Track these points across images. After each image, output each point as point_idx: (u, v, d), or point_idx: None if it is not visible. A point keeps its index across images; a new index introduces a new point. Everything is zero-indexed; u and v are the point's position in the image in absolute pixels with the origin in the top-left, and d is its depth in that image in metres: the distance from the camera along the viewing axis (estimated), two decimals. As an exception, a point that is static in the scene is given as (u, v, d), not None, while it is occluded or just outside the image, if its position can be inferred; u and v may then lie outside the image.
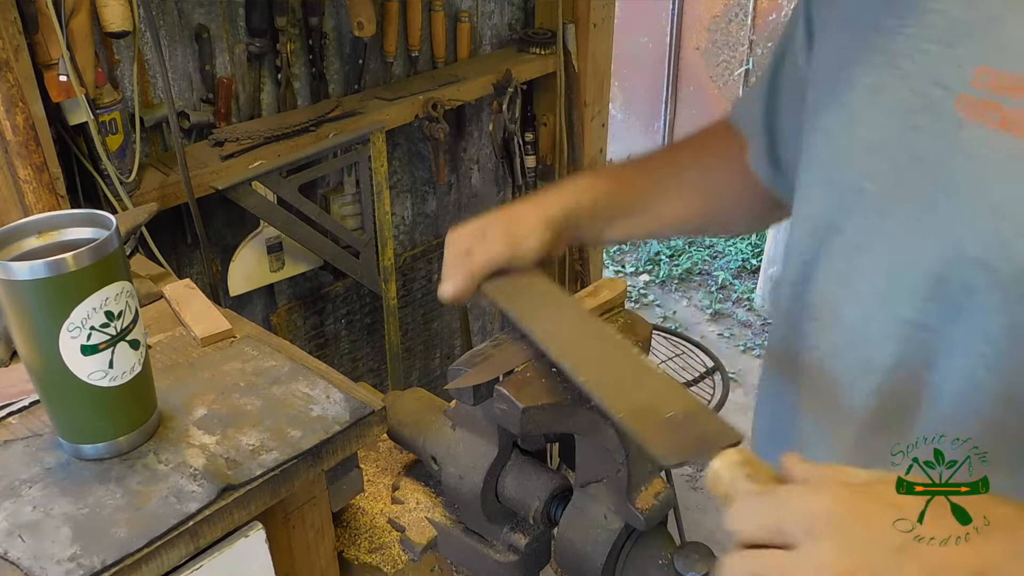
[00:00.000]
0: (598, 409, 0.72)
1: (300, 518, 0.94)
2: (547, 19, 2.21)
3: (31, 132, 1.21)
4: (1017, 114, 0.60)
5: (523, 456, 0.94)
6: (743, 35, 4.14)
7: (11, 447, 0.87)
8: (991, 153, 0.62)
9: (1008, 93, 0.60)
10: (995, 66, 0.61)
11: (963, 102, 0.63)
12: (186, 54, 1.64)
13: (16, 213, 1.25)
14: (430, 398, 1.07)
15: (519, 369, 0.82)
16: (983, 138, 0.62)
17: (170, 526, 0.77)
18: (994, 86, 0.61)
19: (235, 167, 1.62)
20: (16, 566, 0.73)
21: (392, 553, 1.01)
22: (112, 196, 1.47)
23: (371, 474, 1.10)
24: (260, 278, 1.83)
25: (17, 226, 0.81)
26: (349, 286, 2.10)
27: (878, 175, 0.72)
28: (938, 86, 0.65)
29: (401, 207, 2.19)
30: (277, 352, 1.03)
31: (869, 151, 0.72)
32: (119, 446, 0.85)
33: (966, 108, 0.63)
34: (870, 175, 0.72)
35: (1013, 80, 0.60)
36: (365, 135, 1.79)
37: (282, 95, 1.78)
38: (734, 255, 4.23)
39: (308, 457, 0.87)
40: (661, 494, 0.84)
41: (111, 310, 0.79)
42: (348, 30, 1.83)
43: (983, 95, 0.62)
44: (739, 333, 3.77)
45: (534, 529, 0.95)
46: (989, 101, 0.61)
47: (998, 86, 0.61)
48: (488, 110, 2.23)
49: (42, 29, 1.27)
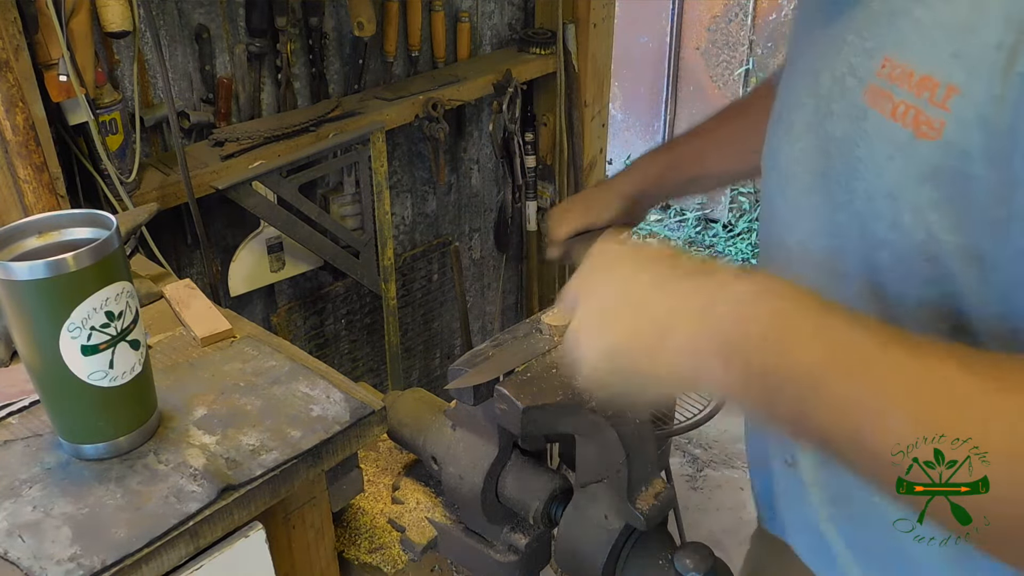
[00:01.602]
0: None
1: (300, 518, 0.94)
2: (547, 19, 2.21)
3: (31, 132, 1.21)
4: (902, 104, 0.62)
5: (523, 456, 0.94)
6: (743, 35, 4.14)
7: (11, 447, 0.87)
8: (884, 141, 0.65)
9: (898, 83, 0.63)
10: (894, 57, 0.64)
11: (870, 91, 0.66)
12: (186, 54, 1.64)
13: (16, 213, 1.25)
14: (430, 398, 1.07)
15: (519, 369, 0.82)
16: (879, 126, 0.65)
17: (170, 526, 0.77)
18: (891, 76, 0.64)
19: (235, 167, 1.62)
20: (16, 566, 0.73)
21: (392, 553, 1.01)
22: (112, 196, 1.47)
23: (371, 474, 1.10)
24: (260, 278, 1.83)
25: (17, 226, 0.81)
26: (349, 286, 2.10)
27: (804, 158, 0.75)
28: (852, 75, 0.68)
29: (401, 207, 2.19)
30: (277, 352, 1.03)
31: (802, 132, 0.75)
32: (119, 446, 0.85)
33: (870, 97, 0.66)
34: (799, 158, 0.75)
35: (903, 72, 0.62)
36: (365, 135, 1.79)
37: (282, 95, 1.78)
38: (734, 255, 4.23)
39: (308, 457, 0.87)
40: (661, 494, 0.84)
41: (111, 310, 0.79)
42: (348, 30, 1.83)
43: (883, 84, 0.64)
44: (739, 333, 3.77)
45: (534, 529, 0.95)
46: (885, 90, 0.64)
47: (893, 76, 0.63)
48: (488, 110, 2.23)
49: (42, 29, 1.27)
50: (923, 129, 0.61)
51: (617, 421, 0.81)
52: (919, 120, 0.61)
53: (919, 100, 0.61)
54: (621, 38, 2.55)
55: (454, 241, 2.34)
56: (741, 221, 4.41)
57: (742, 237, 4.33)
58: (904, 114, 0.62)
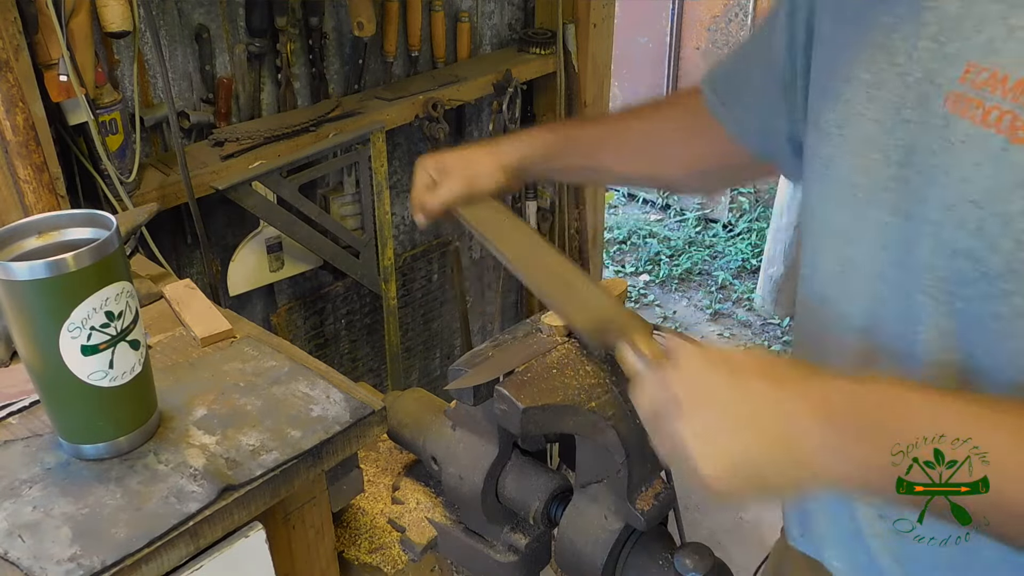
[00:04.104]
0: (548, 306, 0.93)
1: (300, 518, 0.94)
2: (547, 19, 2.21)
3: (31, 132, 1.21)
4: (995, 110, 0.61)
5: (523, 456, 0.94)
6: (743, 35, 4.14)
7: (11, 447, 0.87)
8: (972, 148, 0.63)
9: (988, 89, 0.62)
10: (980, 62, 0.63)
11: (951, 98, 0.65)
12: (186, 54, 1.64)
13: (16, 213, 1.25)
14: (430, 398, 1.07)
15: (519, 369, 0.82)
16: (965, 133, 0.64)
17: (170, 526, 0.77)
18: (978, 82, 0.63)
19: (235, 167, 1.62)
20: (16, 566, 0.73)
21: (392, 553, 1.01)
22: (112, 196, 1.47)
23: (371, 474, 1.10)
24: (260, 278, 1.83)
25: (17, 226, 0.81)
26: (349, 286, 2.10)
27: (870, 168, 0.73)
28: (929, 82, 0.67)
29: (401, 207, 2.19)
30: (277, 352, 1.03)
31: (863, 145, 0.73)
32: (119, 446, 0.85)
33: (953, 103, 0.65)
34: (863, 169, 0.74)
35: (994, 77, 0.61)
36: (365, 135, 1.79)
37: (282, 95, 1.78)
38: (734, 255, 4.22)
39: (308, 457, 0.87)
40: (661, 494, 0.84)
41: (111, 310, 0.79)
42: (348, 30, 1.83)
43: (968, 91, 0.63)
44: (739, 333, 3.77)
45: (534, 529, 0.95)
46: (973, 97, 0.63)
47: (982, 82, 0.62)
48: (488, 110, 2.22)
49: (42, 29, 1.27)
50: (1020, 135, 0.60)
51: (617, 421, 0.81)
52: (1015, 125, 0.60)
53: (1016, 104, 0.60)
54: (621, 38, 2.55)
55: (454, 241, 2.34)
56: (741, 221, 4.41)
57: (742, 237, 4.33)
58: (998, 120, 0.61)
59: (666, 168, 1.08)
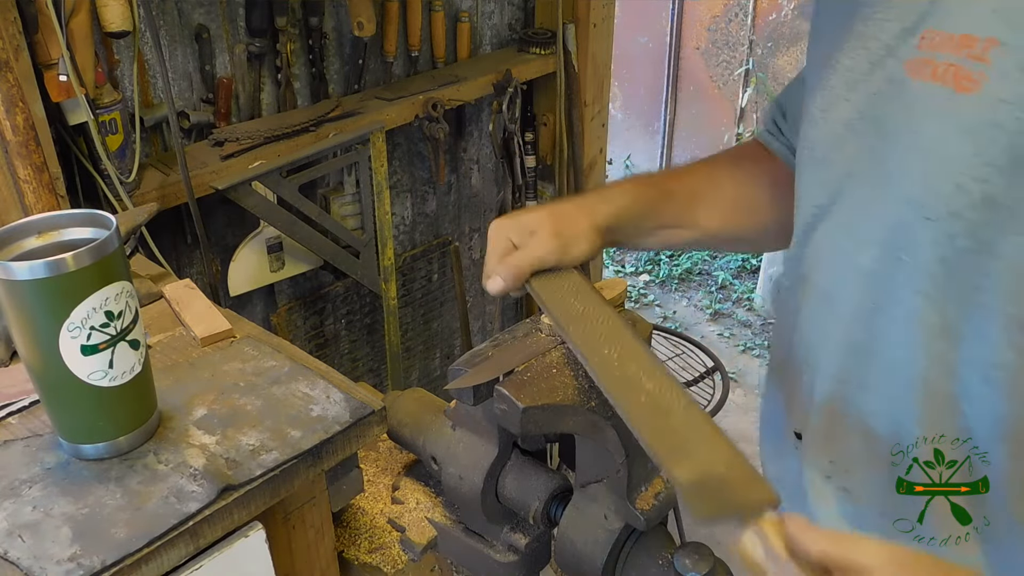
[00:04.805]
0: (633, 436, 0.70)
1: (300, 518, 0.94)
2: (547, 19, 2.21)
3: (31, 132, 1.21)
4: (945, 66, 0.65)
5: (523, 456, 0.94)
6: (743, 35, 4.14)
7: (11, 447, 0.87)
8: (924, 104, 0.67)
9: (941, 50, 0.66)
10: (936, 27, 0.67)
11: (910, 65, 0.69)
12: (186, 54, 1.64)
13: (16, 213, 1.25)
14: (430, 398, 1.07)
15: (519, 369, 0.82)
16: (919, 91, 0.68)
17: (170, 526, 0.77)
18: (933, 45, 0.67)
19: (235, 167, 1.62)
20: (16, 566, 0.73)
21: (392, 553, 1.01)
22: (112, 196, 1.47)
23: (371, 474, 1.10)
24: (260, 278, 1.83)
25: (17, 226, 0.81)
26: (349, 286, 2.10)
27: (844, 144, 0.77)
28: (892, 56, 0.71)
29: (401, 207, 2.19)
30: (277, 352, 1.03)
31: (842, 126, 0.77)
32: (119, 446, 0.85)
33: (911, 69, 0.69)
34: (839, 146, 0.77)
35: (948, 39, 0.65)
36: (365, 135, 1.79)
37: (282, 95, 1.78)
38: (734, 255, 4.22)
39: (308, 457, 0.87)
40: (661, 494, 0.84)
41: (111, 310, 0.79)
42: (348, 30, 1.83)
43: (924, 55, 0.67)
44: (739, 333, 3.77)
45: (534, 529, 0.95)
46: (927, 59, 0.67)
47: (936, 45, 0.66)
48: (488, 110, 2.23)
49: (42, 29, 1.27)
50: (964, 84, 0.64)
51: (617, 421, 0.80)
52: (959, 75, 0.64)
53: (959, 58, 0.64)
54: (621, 38, 2.55)
55: (454, 241, 2.34)
56: (741, 221, 4.40)
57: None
58: (944, 73, 0.65)
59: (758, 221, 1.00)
